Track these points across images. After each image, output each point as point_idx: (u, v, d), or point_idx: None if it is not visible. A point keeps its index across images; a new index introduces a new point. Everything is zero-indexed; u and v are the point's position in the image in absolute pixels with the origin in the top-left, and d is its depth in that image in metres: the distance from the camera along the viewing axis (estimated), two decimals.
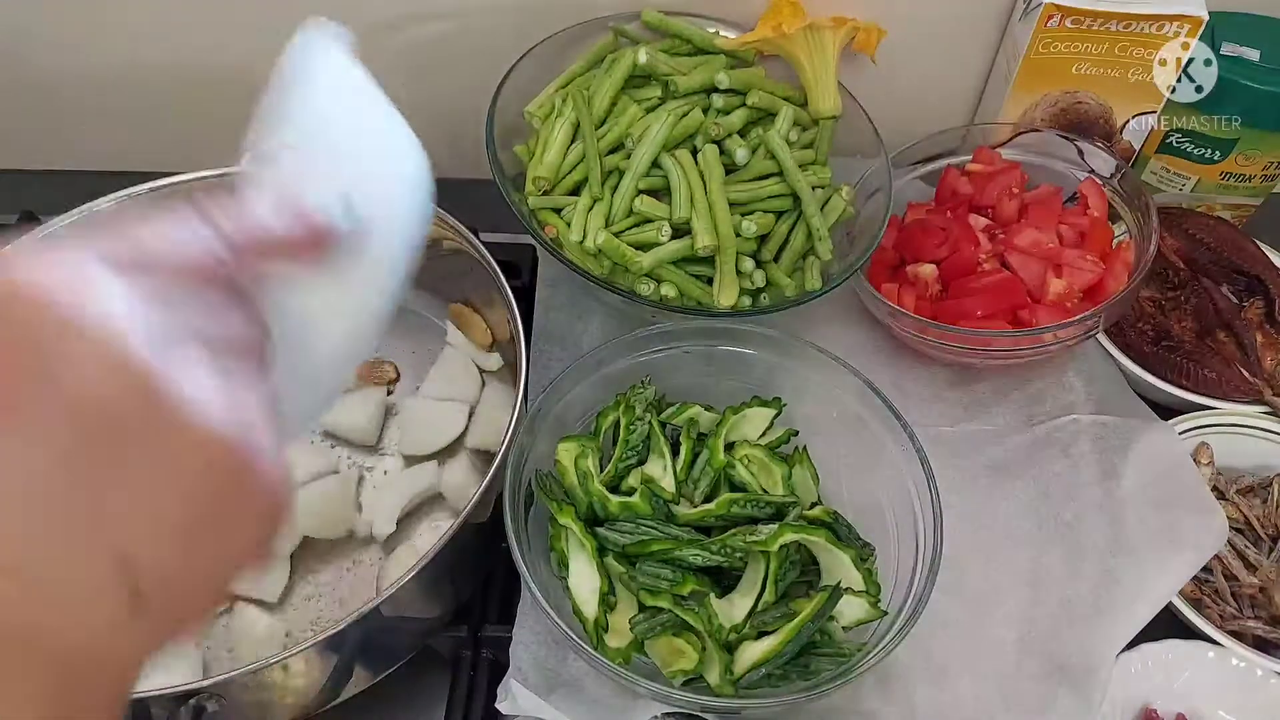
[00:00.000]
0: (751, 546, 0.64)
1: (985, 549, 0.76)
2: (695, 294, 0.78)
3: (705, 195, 0.77)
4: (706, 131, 0.79)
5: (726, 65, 0.84)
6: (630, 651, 0.64)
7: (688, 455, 0.71)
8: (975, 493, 0.79)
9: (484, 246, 0.78)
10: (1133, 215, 0.85)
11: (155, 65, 0.94)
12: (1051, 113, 0.89)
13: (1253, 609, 0.75)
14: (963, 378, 0.86)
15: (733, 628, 0.63)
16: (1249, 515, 0.78)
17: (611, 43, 0.86)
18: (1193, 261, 0.90)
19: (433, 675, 0.74)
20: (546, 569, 0.68)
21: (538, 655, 0.68)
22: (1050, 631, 0.72)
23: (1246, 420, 0.81)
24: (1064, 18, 0.81)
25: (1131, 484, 0.77)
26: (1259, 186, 0.91)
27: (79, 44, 0.93)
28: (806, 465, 0.72)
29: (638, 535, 0.65)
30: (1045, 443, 0.81)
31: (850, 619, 0.65)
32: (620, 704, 0.67)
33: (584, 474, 0.69)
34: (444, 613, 0.71)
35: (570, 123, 0.79)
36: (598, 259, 0.77)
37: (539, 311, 0.87)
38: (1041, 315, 0.79)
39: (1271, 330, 0.86)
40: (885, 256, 0.88)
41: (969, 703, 0.69)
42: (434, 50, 0.92)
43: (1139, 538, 0.74)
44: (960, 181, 0.89)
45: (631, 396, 0.72)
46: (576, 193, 0.80)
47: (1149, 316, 0.87)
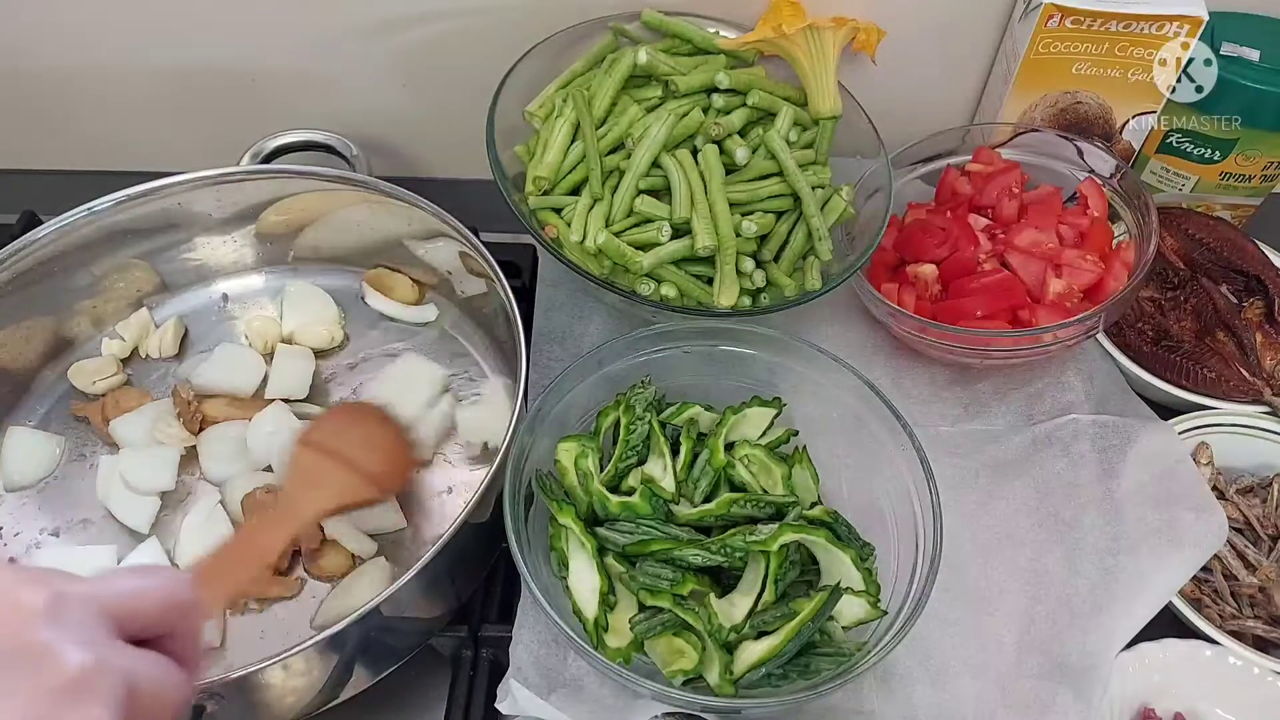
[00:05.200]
0: (751, 546, 0.64)
1: (985, 549, 0.76)
2: (695, 294, 0.78)
3: (705, 195, 0.77)
4: (707, 131, 0.80)
5: (726, 65, 0.84)
6: (630, 651, 0.64)
7: (688, 455, 0.71)
8: (975, 492, 0.79)
9: (484, 246, 0.78)
10: (1133, 215, 0.85)
11: (155, 65, 0.94)
12: (1051, 113, 0.89)
13: (1252, 609, 0.75)
14: (962, 377, 0.86)
15: (733, 628, 0.63)
16: (1249, 515, 0.78)
17: (611, 43, 0.86)
18: (1193, 261, 0.90)
19: (433, 675, 0.74)
20: (546, 569, 0.68)
21: (538, 655, 0.68)
22: (1050, 631, 0.72)
23: (1246, 420, 0.81)
24: (1064, 18, 0.81)
25: (1131, 483, 0.77)
26: (1259, 186, 0.91)
27: (79, 44, 0.93)
28: (806, 465, 0.72)
29: (638, 535, 0.66)
30: (1045, 442, 0.81)
31: (850, 619, 0.65)
32: (620, 704, 0.67)
33: (584, 474, 0.69)
34: (444, 613, 0.71)
35: (570, 123, 0.79)
36: (598, 259, 0.77)
37: (539, 311, 0.87)
38: (1041, 315, 0.79)
39: (1271, 330, 0.86)
40: (885, 256, 0.88)
41: (969, 702, 0.69)
42: (434, 50, 0.92)
43: (1139, 537, 0.74)
44: (960, 181, 0.89)
45: (631, 396, 0.72)
46: (576, 193, 0.80)
47: (1149, 316, 0.87)
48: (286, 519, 0.62)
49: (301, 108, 0.95)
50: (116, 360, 0.86)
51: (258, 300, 0.91)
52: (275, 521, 0.61)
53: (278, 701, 0.65)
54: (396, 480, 0.70)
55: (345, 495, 0.66)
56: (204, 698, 0.59)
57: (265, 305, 0.91)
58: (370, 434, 0.70)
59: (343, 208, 0.87)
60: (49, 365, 0.86)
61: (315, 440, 0.67)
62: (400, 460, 0.72)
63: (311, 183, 0.85)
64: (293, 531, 0.61)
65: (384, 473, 0.69)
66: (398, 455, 0.72)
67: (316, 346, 0.87)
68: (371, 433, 0.71)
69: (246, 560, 0.56)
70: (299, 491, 0.64)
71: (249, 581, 0.57)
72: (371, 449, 0.69)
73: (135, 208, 0.83)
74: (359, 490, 0.66)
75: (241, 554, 0.56)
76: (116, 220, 0.83)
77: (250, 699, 0.63)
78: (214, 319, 0.90)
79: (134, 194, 0.82)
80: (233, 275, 0.92)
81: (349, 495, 0.66)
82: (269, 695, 0.64)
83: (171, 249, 0.88)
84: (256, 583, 0.60)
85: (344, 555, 0.74)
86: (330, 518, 0.65)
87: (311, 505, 0.63)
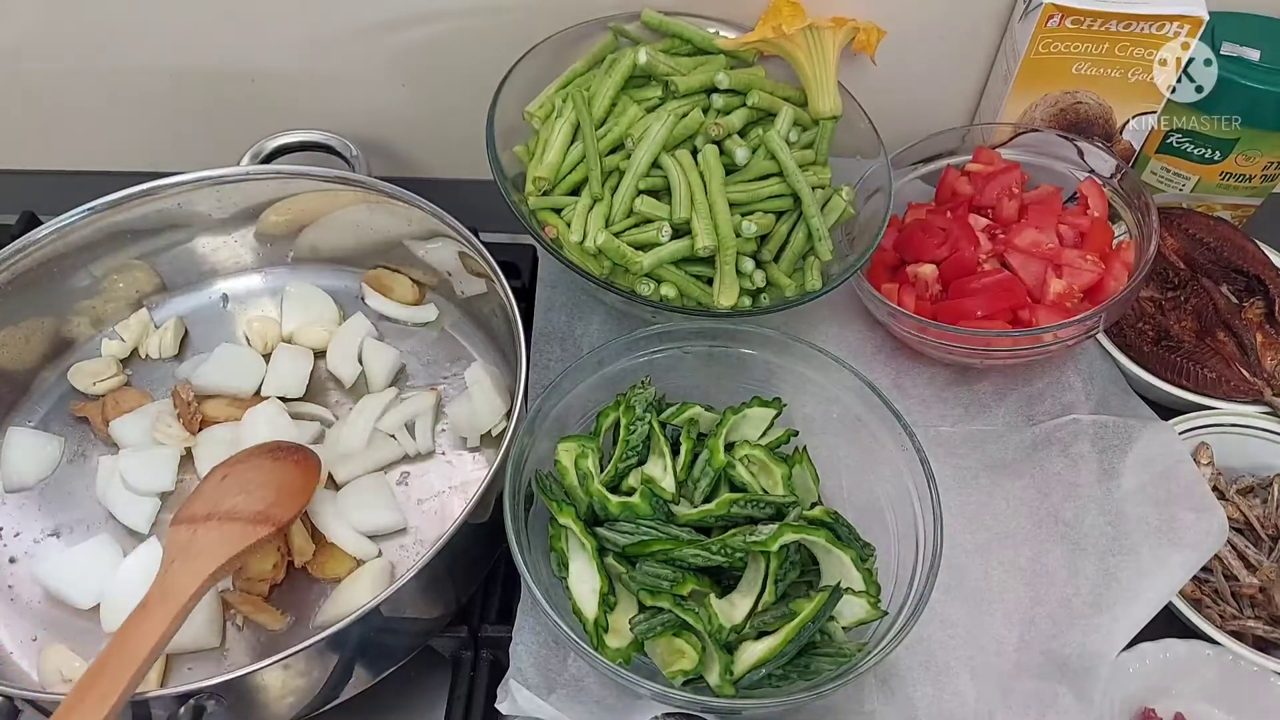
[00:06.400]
0: (751, 546, 0.64)
1: (985, 549, 0.76)
2: (695, 294, 0.78)
3: (705, 195, 0.77)
4: (706, 132, 0.80)
5: (726, 65, 0.84)
6: (630, 651, 0.64)
7: (688, 455, 0.71)
8: (975, 492, 0.79)
9: (484, 246, 0.78)
10: (1133, 215, 0.85)
11: (155, 65, 0.94)
12: (1051, 113, 0.89)
13: (1253, 609, 0.75)
14: (963, 377, 0.86)
15: (733, 628, 0.63)
16: (1249, 515, 0.78)
17: (611, 43, 0.86)
18: (1193, 261, 0.90)
19: (433, 675, 0.74)
20: (546, 569, 0.68)
21: (538, 655, 0.68)
22: (1050, 631, 0.72)
23: (1246, 420, 0.81)
24: (1064, 18, 0.81)
25: (1131, 483, 0.77)
26: (1259, 186, 0.91)
27: (80, 44, 0.93)
28: (806, 465, 0.72)
29: (638, 535, 0.66)
30: (1045, 442, 0.81)
31: (850, 619, 0.65)
32: (620, 704, 0.67)
33: (584, 474, 0.69)
34: (444, 613, 0.71)
35: (570, 123, 0.79)
36: (598, 259, 0.77)
37: (539, 311, 0.87)
38: (1041, 315, 0.79)
39: (1271, 330, 0.86)
40: (885, 256, 0.88)
41: (969, 702, 0.69)
42: (434, 50, 0.92)
43: (1139, 537, 0.74)
44: (960, 181, 0.89)
45: (631, 396, 0.72)
46: (576, 193, 0.80)
47: (1149, 316, 0.87)
48: (166, 602, 0.61)
49: (301, 108, 0.95)
50: (116, 361, 0.86)
51: (257, 300, 0.91)
52: (148, 614, 0.61)
53: (278, 702, 0.65)
54: (293, 505, 0.70)
55: (228, 549, 0.65)
56: (204, 698, 0.59)
57: (265, 305, 0.91)
58: (250, 476, 0.70)
59: (342, 208, 0.87)
60: (49, 366, 0.86)
61: (185, 516, 0.67)
62: (294, 485, 0.71)
63: (311, 183, 0.85)
64: (174, 612, 0.60)
65: (275, 503, 0.68)
66: (290, 481, 0.71)
67: (316, 346, 0.87)
68: (251, 475, 0.70)
69: (121, 666, 0.57)
70: (173, 571, 0.63)
71: (133, 685, 0.57)
72: (255, 488, 0.69)
73: (135, 208, 0.83)
74: (245, 535, 0.66)
75: (115, 662, 0.57)
76: (116, 220, 0.83)
77: (250, 699, 0.63)
78: (214, 319, 0.90)
79: (134, 194, 0.82)
80: (233, 275, 0.92)
81: (234, 546, 0.65)
82: (269, 695, 0.64)
83: (171, 249, 0.88)
84: (141, 677, 0.59)
85: (344, 556, 0.74)
86: (222, 575, 0.64)
87: (189, 579, 0.63)
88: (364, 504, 0.76)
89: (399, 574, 0.69)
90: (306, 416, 0.83)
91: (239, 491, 0.68)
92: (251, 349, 0.87)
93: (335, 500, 0.76)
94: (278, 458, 0.72)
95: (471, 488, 0.78)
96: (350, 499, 0.76)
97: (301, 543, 0.74)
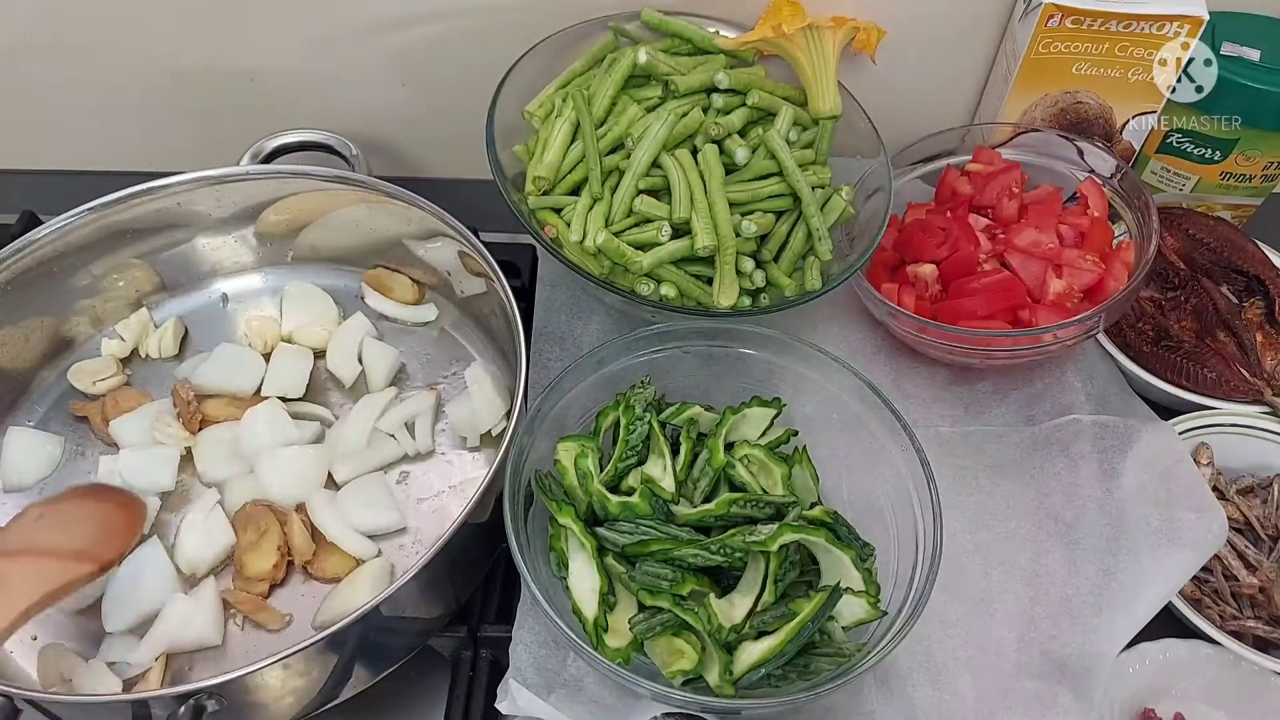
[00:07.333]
0: (751, 546, 0.64)
1: (985, 549, 0.76)
2: (695, 294, 0.78)
3: (705, 195, 0.77)
4: (706, 131, 0.80)
5: (726, 65, 0.84)
6: (630, 651, 0.64)
7: (688, 455, 0.71)
8: (975, 492, 0.79)
9: (484, 246, 0.78)
10: (1133, 215, 0.85)
11: (155, 65, 0.94)
12: (1051, 113, 0.89)
13: (1253, 609, 0.75)
14: (963, 377, 0.86)
15: (732, 628, 0.63)
16: (1249, 515, 0.78)
17: (611, 43, 0.86)
18: (1193, 261, 0.90)
19: (433, 675, 0.74)
20: (546, 569, 0.68)
21: (538, 655, 0.68)
22: (1050, 631, 0.72)
23: (1246, 420, 0.81)
24: (1064, 17, 0.81)
25: (1131, 483, 0.77)
26: (1259, 186, 0.91)
27: (80, 44, 0.93)
28: (806, 465, 0.72)
29: (637, 535, 0.65)
30: (1045, 443, 0.81)
31: (850, 619, 0.65)
32: (620, 704, 0.67)
33: (584, 474, 0.69)
34: (443, 613, 0.71)
35: (570, 123, 0.79)
36: (598, 259, 0.77)
37: (539, 311, 0.87)
38: (1041, 315, 0.79)
39: (1271, 330, 0.86)
40: (885, 256, 0.88)
41: (969, 702, 0.69)
42: (434, 50, 0.92)
43: (1139, 537, 0.74)
44: (960, 181, 0.89)
45: (631, 396, 0.72)
46: (576, 193, 0.80)
47: (1149, 316, 0.87)
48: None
49: (301, 108, 0.95)
50: (116, 360, 0.86)
51: (257, 300, 0.91)
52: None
53: (277, 701, 0.65)
54: (117, 545, 0.68)
55: (43, 585, 0.63)
56: (204, 697, 0.59)
57: (265, 305, 0.91)
58: (69, 515, 0.69)
59: (342, 208, 0.87)
60: (49, 365, 0.86)
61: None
62: (117, 525, 0.70)
63: (311, 183, 0.85)
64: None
65: (97, 541, 0.67)
66: (114, 521, 0.70)
67: (316, 346, 0.87)
68: (71, 513, 0.69)
69: None
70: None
71: None
72: (75, 526, 0.68)
73: (135, 208, 0.83)
74: (63, 572, 0.64)
75: None
76: (116, 220, 0.83)
77: (250, 699, 0.63)
78: (213, 319, 0.90)
79: (134, 194, 0.83)
80: (232, 275, 0.92)
81: (50, 582, 0.63)
82: (269, 695, 0.64)
83: (171, 249, 0.88)
84: None
85: (344, 556, 0.74)
86: (36, 612, 0.61)
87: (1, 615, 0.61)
88: (364, 504, 0.76)
89: (399, 574, 0.69)
90: (306, 416, 0.83)
91: (56, 528, 0.67)
92: (251, 349, 0.87)
93: (335, 500, 0.76)
94: (101, 499, 0.71)
95: (471, 487, 0.78)
96: (350, 499, 0.77)
97: (301, 542, 0.74)
